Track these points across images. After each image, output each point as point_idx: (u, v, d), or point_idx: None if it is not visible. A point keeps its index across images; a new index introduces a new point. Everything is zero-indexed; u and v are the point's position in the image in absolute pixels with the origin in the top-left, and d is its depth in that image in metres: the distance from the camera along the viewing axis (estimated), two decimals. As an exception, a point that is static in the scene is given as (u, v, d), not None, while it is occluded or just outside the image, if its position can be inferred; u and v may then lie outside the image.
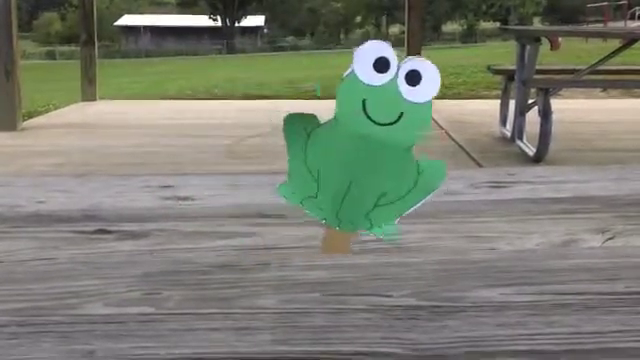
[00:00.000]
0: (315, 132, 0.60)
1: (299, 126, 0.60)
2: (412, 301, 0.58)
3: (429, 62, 0.58)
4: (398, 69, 0.58)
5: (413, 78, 0.58)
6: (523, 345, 0.51)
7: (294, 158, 0.61)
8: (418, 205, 0.61)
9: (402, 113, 0.58)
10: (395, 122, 0.59)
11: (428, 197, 0.61)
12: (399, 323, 0.54)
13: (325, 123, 0.60)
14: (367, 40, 0.60)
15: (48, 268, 0.66)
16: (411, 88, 0.58)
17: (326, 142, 0.60)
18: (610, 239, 0.73)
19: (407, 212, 0.61)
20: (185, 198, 0.88)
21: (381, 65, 0.58)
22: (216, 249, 0.70)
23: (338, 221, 0.62)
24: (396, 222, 0.62)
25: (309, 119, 0.60)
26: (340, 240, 0.63)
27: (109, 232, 0.75)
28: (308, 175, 0.61)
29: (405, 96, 0.58)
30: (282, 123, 0.60)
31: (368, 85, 0.58)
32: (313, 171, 0.61)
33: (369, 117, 0.59)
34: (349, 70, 0.58)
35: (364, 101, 0.59)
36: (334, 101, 0.60)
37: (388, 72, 0.58)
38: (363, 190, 0.61)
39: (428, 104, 0.59)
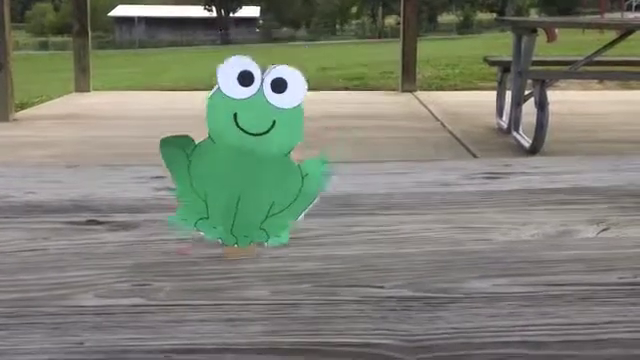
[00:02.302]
0: (194, 153, 0.61)
1: (177, 149, 0.61)
2: (405, 292, 0.58)
3: (292, 68, 0.60)
4: (262, 80, 0.59)
5: (279, 86, 0.59)
6: (516, 336, 0.50)
7: (180, 182, 0.62)
8: (312, 205, 0.62)
9: (274, 121, 0.60)
10: (268, 131, 0.60)
11: (317, 197, 0.62)
12: (391, 314, 0.54)
13: (201, 142, 0.61)
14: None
15: (38, 259, 0.65)
16: (278, 95, 0.59)
17: (207, 161, 0.61)
18: (605, 230, 0.73)
19: (301, 215, 0.62)
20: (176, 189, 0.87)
21: (245, 79, 0.59)
22: (207, 240, 0.69)
23: (234, 238, 0.63)
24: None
25: (184, 141, 0.61)
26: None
27: (100, 223, 0.74)
28: (196, 198, 0.62)
29: (274, 104, 0.59)
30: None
31: (235, 99, 0.59)
32: (200, 192, 0.62)
33: (242, 129, 0.60)
34: (215, 88, 0.60)
35: (235, 115, 0.60)
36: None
37: (253, 84, 0.59)
38: (252, 203, 0.62)
39: (298, 108, 0.60)
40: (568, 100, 5.16)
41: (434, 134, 4.25)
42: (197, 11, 44.96)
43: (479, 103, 5.27)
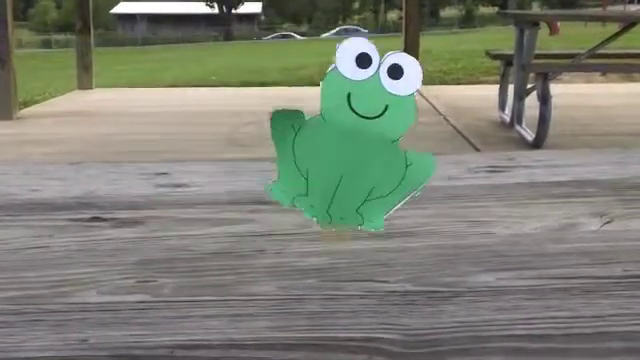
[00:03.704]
0: (302, 128, 0.60)
1: (286, 123, 0.60)
2: (409, 286, 0.58)
3: (410, 56, 0.59)
4: (380, 64, 0.59)
5: (395, 72, 0.59)
6: (520, 329, 0.50)
7: (283, 156, 0.61)
8: (408, 198, 0.61)
9: (387, 106, 0.59)
10: (380, 115, 0.60)
11: (418, 190, 0.61)
12: (395, 309, 0.54)
13: (311, 119, 0.60)
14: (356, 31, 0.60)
15: (42, 256, 0.65)
16: (394, 81, 0.59)
17: (314, 138, 0.61)
18: (609, 222, 0.73)
19: (398, 206, 0.61)
20: (181, 185, 0.87)
21: (363, 61, 0.59)
22: (212, 236, 0.69)
23: (329, 217, 0.62)
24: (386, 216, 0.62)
25: (295, 115, 0.60)
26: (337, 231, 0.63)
27: (104, 220, 0.74)
28: (297, 173, 0.61)
29: (389, 89, 0.59)
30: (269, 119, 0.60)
31: (351, 80, 0.59)
32: (302, 169, 0.61)
33: (354, 111, 0.60)
34: (332, 66, 0.59)
35: (349, 95, 0.59)
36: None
37: (370, 67, 0.59)
38: (352, 185, 0.61)
39: (411, 97, 0.60)
40: (571, 93, 5.14)
41: (437, 128, 4.24)
42: (199, 7, 44.92)
43: (482, 97, 5.26)
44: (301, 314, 0.53)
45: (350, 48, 0.59)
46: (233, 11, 44.73)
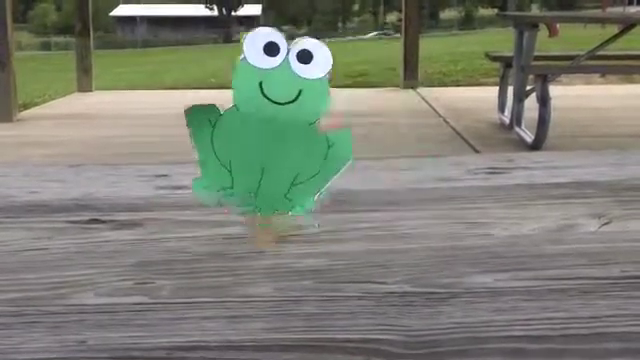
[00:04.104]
0: (219, 121, 0.61)
1: (202, 117, 0.61)
2: (406, 287, 0.58)
3: (317, 41, 0.60)
4: (288, 51, 0.59)
5: (304, 57, 0.60)
6: (518, 330, 0.50)
7: (203, 151, 0.61)
8: (335, 177, 0.62)
9: (300, 91, 0.60)
10: (294, 100, 0.60)
11: (342, 168, 0.61)
12: (393, 310, 0.54)
13: (227, 111, 0.61)
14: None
15: (41, 258, 0.65)
16: (304, 66, 0.60)
17: (232, 130, 0.61)
18: (606, 224, 0.73)
19: (325, 186, 0.62)
20: (180, 187, 0.87)
21: (271, 49, 0.59)
22: (210, 238, 0.69)
23: (257, 208, 0.62)
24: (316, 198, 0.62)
25: (210, 109, 0.61)
26: (265, 235, 0.64)
27: (103, 222, 0.74)
28: (220, 167, 0.61)
29: (300, 74, 0.60)
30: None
31: (261, 68, 0.60)
32: (224, 162, 0.61)
33: (268, 98, 0.60)
34: (241, 56, 0.60)
35: (260, 84, 0.60)
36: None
37: (279, 55, 0.60)
38: (277, 172, 0.62)
39: (324, 79, 0.60)
40: (570, 95, 5.14)
41: (437, 130, 4.24)
42: (198, 10, 44.94)
43: (481, 99, 5.26)
44: (299, 315, 0.53)
45: (257, 38, 0.59)
46: (233, 13, 44.76)
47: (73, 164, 1.00)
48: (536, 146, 3.58)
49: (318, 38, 0.61)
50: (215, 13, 44.89)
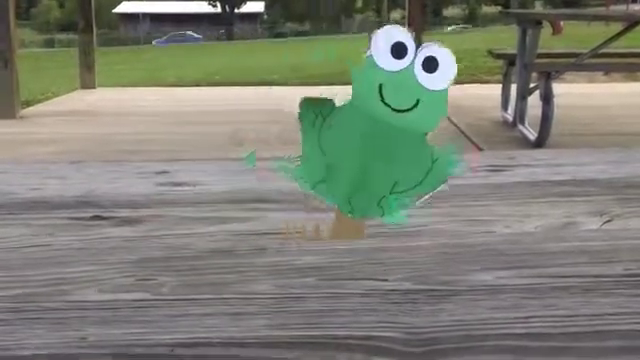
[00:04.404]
0: (330, 116, 0.59)
1: (314, 110, 0.59)
2: (408, 285, 0.58)
3: (445, 49, 0.58)
4: (415, 55, 0.57)
5: (430, 65, 0.57)
6: (519, 328, 0.50)
7: (308, 142, 0.60)
8: (431, 193, 0.60)
9: (418, 100, 0.58)
10: (411, 109, 0.58)
11: (441, 185, 0.60)
12: (395, 307, 0.54)
13: (341, 107, 0.59)
14: (385, 25, 0.59)
15: (42, 254, 0.65)
16: (428, 75, 0.57)
17: (341, 127, 0.59)
18: (609, 221, 0.73)
19: (421, 200, 0.60)
20: (181, 184, 0.87)
21: (398, 51, 0.57)
22: (212, 234, 0.69)
23: (350, 208, 0.61)
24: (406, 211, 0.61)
25: (325, 103, 0.59)
26: (351, 225, 0.62)
27: (104, 218, 0.74)
28: (321, 160, 0.60)
29: (422, 83, 0.57)
30: (297, 107, 0.59)
31: (385, 70, 0.57)
32: (327, 156, 0.60)
33: (385, 102, 0.58)
34: (367, 53, 0.57)
35: (380, 86, 0.58)
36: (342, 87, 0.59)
37: (405, 58, 0.57)
38: (377, 177, 0.60)
39: (444, 91, 0.58)
40: (574, 93, 5.13)
41: (440, 127, 4.24)
42: (201, 7, 44.94)
43: (485, 96, 5.25)
44: (301, 312, 0.53)
45: (386, 36, 0.57)
46: (236, 10, 44.74)
47: (74, 161, 1.00)
48: (539, 144, 3.57)
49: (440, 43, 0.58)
50: (218, 10, 44.88)
